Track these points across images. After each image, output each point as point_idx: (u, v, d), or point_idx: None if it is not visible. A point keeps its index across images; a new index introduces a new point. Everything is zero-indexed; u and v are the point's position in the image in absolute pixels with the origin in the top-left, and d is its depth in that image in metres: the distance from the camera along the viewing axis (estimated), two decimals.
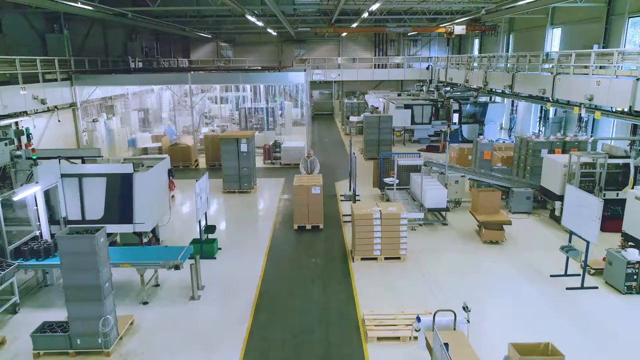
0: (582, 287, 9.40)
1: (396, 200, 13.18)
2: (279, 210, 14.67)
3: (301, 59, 39.91)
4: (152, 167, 11.25)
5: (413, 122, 25.12)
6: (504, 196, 14.08)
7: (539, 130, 23.09)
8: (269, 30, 32.80)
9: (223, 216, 14.53)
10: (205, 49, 41.35)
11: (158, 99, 28.47)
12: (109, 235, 11.18)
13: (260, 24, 26.31)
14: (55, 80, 18.78)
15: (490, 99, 26.77)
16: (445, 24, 28.41)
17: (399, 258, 10.75)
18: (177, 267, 8.74)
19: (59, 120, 21.40)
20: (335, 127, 32.96)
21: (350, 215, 12.87)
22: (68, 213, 10.35)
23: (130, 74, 21.23)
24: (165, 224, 11.86)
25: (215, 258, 11.09)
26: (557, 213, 12.81)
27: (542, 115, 22.98)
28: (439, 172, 14.27)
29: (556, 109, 20.41)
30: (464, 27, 26.19)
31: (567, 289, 9.44)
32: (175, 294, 9.50)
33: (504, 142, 24.98)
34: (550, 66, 18.40)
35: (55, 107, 19.03)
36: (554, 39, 24.32)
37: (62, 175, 10.18)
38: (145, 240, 10.78)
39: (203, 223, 11.22)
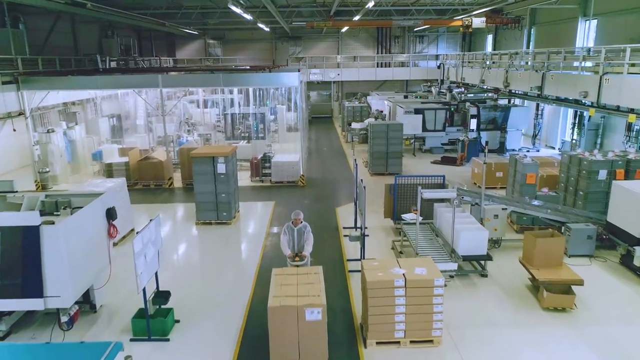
0: None
1: (418, 248, 9.91)
2: (265, 252, 11.33)
3: (297, 57, 36.56)
4: (80, 208, 8.01)
5: (424, 129, 21.90)
6: None
7: (573, 139, 19.85)
8: (260, 26, 29.44)
9: (189, 263, 11.05)
10: (192, 47, 37.99)
11: (134, 103, 25.10)
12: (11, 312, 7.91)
13: (248, 17, 22.99)
14: None
15: (509, 101, 23.55)
16: (461, 16, 25.04)
17: (431, 341, 7.48)
18: None
19: (14, 130, 18.29)
20: (335, 132, 29.67)
21: (358, 259, 9.75)
22: None
23: (92, 75, 17.85)
24: (102, 285, 8.55)
25: (168, 339, 7.78)
26: (636, 262, 9.55)
27: (577, 121, 19.70)
28: (471, 204, 11.01)
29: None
30: (484, 19, 22.80)
31: None
32: None
33: (528, 150, 21.87)
34: (594, 64, 15.26)
35: None
36: (587, 33, 21.09)
37: None
38: (64, 319, 7.48)
39: (153, 290, 7.99)
